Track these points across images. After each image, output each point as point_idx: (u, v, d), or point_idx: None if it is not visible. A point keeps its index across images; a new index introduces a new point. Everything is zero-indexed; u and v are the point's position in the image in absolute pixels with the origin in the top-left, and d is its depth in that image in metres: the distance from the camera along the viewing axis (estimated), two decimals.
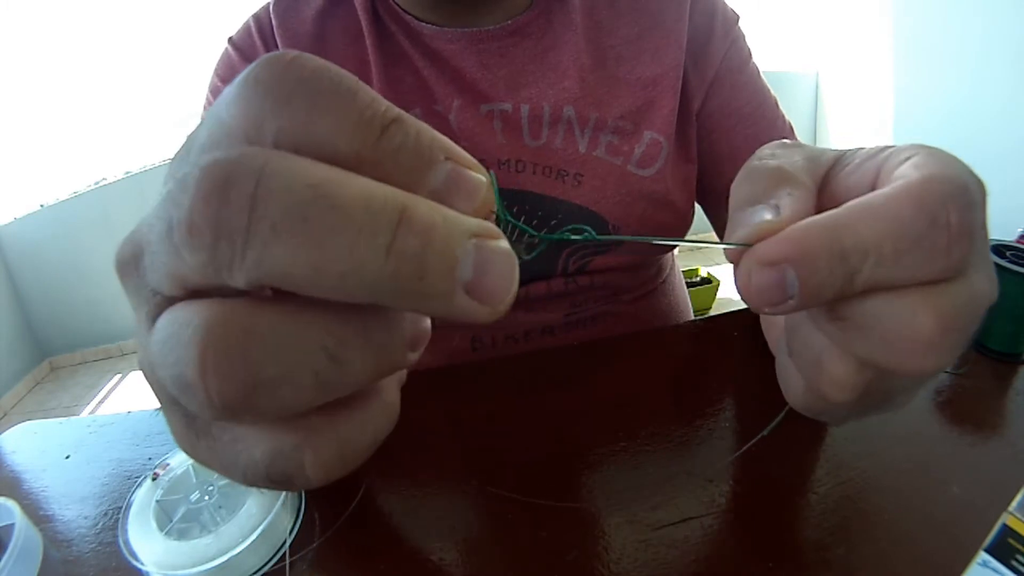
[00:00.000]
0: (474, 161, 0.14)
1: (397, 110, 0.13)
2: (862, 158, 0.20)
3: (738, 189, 0.19)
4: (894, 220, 0.15)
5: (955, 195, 0.15)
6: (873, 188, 0.18)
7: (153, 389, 0.16)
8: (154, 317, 0.14)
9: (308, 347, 0.12)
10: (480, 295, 0.13)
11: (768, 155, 0.21)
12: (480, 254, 0.12)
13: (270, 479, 0.14)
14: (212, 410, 0.12)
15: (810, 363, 0.18)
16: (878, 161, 0.19)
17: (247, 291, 0.12)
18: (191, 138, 0.15)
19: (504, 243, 0.13)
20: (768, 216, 0.17)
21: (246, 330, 0.12)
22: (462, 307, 0.13)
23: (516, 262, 0.13)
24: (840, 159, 0.21)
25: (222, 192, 0.12)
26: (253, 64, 0.13)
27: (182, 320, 0.13)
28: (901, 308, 0.15)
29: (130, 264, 0.15)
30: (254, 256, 0.11)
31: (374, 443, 0.15)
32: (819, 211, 0.17)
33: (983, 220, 0.16)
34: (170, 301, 0.14)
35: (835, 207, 0.16)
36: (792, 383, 0.21)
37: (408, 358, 0.15)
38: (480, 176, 0.14)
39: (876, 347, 0.16)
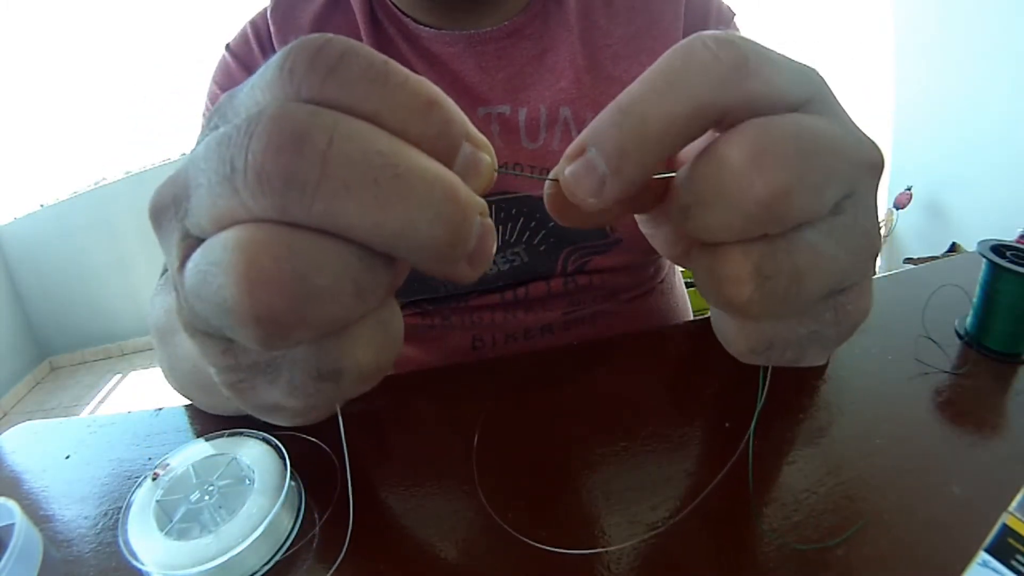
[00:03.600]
0: (484, 141, 0.16)
1: (428, 89, 0.15)
2: None
3: None
4: (657, 67, 0.16)
5: (712, 34, 0.16)
6: None
7: (189, 333, 0.16)
8: (185, 259, 0.14)
9: (346, 255, 0.14)
10: (475, 261, 0.15)
11: None
12: (483, 229, 0.15)
13: (321, 375, 0.15)
14: (259, 330, 0.13)
15: (708, 282, 0.17)
16: None
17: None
18: (226, 104, 0.15)
19: (490, 220, 0.16)
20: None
21: (289, 246, 0.13)
22: (461, 271, 0.15)
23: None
24: None
25: (295, 144, 0.12)
26: (284, 51, 0.14)
27: (219, 246, 0.13)
28: (712, 154, 0.16)
29: (169, 208, 0.15)
30: (321, 207, 0.13)
31: (401, 333, 0.17)
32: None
33: (782, 63, 0.16)
34: (201, 242, 0.14)
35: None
36: (724, 328, 0.20)
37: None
38: (487, 157, 0.16)
39: (720, 207, 0.15)
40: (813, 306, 0.17)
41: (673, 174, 0.18)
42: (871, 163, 0.17)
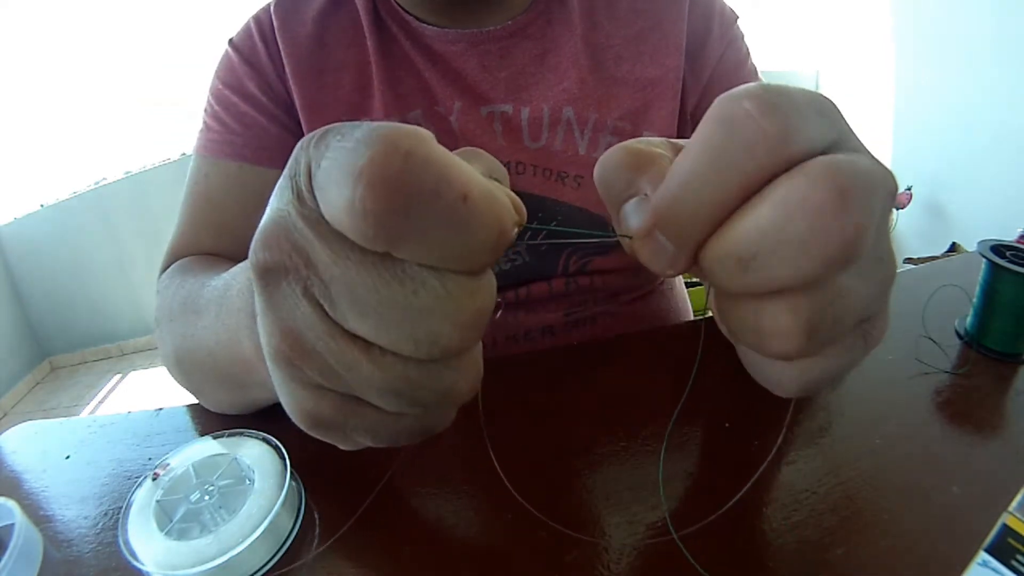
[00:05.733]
0: (518, 217, 0.17)
1: (499, 218, 0.16)
2: None
3: (609, 177, 0.20)
4: (700, 140, 0.16)
5: (746, 90, 0.16)
6: None
7: (295, 370, 0.18)
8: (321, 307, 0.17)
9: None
10: None
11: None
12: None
13: (423, 436, 0.20)
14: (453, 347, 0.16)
15: (752, 337, 0.18)
16: None
17: None
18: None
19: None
20: (637, 214, 0.19)
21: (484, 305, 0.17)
22: None
23: None
24: None
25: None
26: (355, 171, 0.14)
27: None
28: (787, 198, 0.15)
29: (284, 274, 0.17)
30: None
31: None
32: None
33: (811, 105, 0.16)
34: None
35: None
36: (769, 375, 0.21)
37: None
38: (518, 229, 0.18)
39: (796, 253, 0.15)
40: (845, 339, 0.18)
41: None
42: (894, 191, 0.17)
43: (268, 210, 0.17)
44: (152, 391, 2.34)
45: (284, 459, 0.36)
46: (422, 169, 0.14)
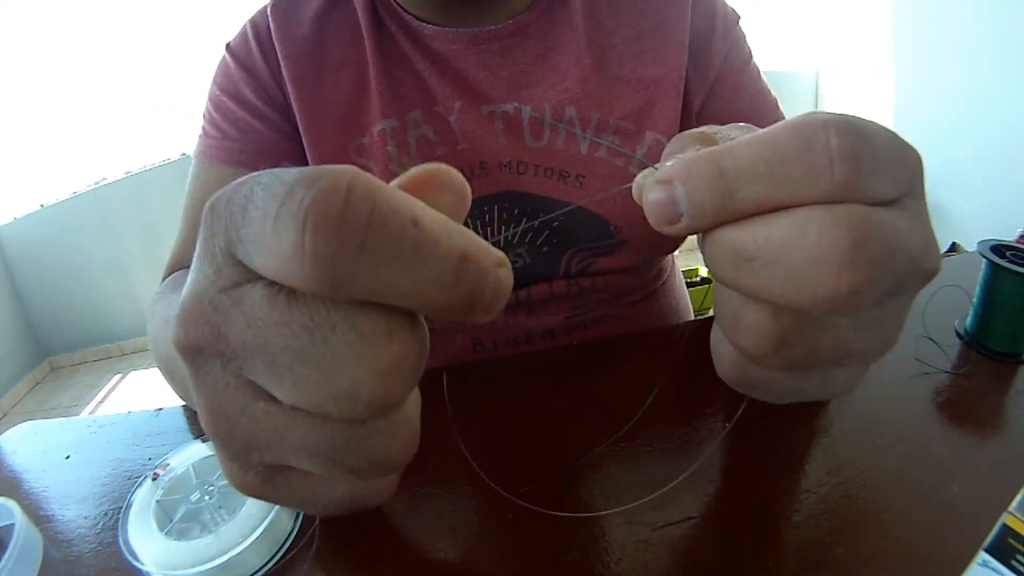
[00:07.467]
0: (500, 254, 0.16)
1: (458, 241, 0.14)
2: None
3: (673, 146, 0.20)
4: (770, 143, 0.16)
5: (836, 122, 0.15)
6: None
7: (222, 443, 0.17)
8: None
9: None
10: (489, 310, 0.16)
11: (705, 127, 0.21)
12: (498, 286, 0.16)
13: (352, 508, 0.19)
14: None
15: (729, 318, 0.18)
16: None
17: None
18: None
19: (507, 271, 0.16)
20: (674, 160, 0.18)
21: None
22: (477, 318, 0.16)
23: None
24: None
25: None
26: (295, 213, 0.13)
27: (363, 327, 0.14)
28: (806, 225, 0.15)
29: (211, 353, 0.16)
30: None
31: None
32: None
33: (891, 161, 0.16)
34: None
35: None
36: (720, 351, 0.21)
37: None
38: (506, 270, 0.16)
39: (787, 277, 0.15)
40: (809, 370, 0.18)
41: None
42: (930, 272, 0.17)
43: (187, 284, 0.16)
44: (152, 391, 2.34)
45: None
46: (366, 200, 0.13)
